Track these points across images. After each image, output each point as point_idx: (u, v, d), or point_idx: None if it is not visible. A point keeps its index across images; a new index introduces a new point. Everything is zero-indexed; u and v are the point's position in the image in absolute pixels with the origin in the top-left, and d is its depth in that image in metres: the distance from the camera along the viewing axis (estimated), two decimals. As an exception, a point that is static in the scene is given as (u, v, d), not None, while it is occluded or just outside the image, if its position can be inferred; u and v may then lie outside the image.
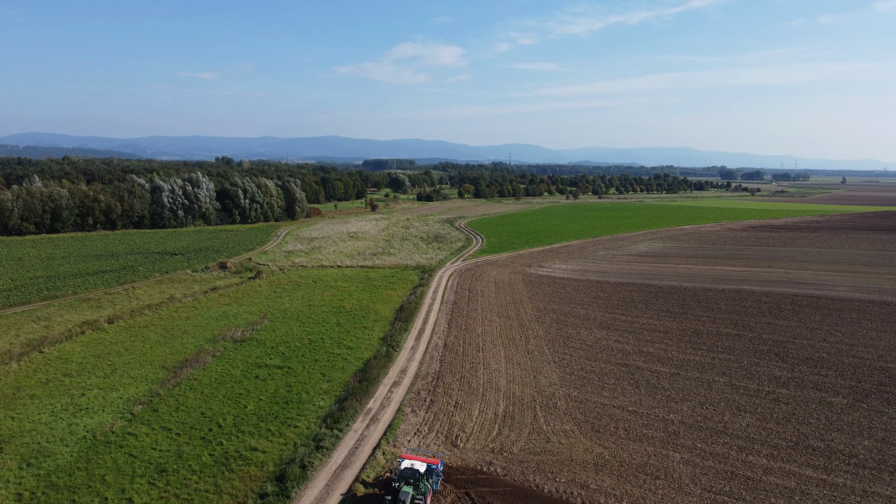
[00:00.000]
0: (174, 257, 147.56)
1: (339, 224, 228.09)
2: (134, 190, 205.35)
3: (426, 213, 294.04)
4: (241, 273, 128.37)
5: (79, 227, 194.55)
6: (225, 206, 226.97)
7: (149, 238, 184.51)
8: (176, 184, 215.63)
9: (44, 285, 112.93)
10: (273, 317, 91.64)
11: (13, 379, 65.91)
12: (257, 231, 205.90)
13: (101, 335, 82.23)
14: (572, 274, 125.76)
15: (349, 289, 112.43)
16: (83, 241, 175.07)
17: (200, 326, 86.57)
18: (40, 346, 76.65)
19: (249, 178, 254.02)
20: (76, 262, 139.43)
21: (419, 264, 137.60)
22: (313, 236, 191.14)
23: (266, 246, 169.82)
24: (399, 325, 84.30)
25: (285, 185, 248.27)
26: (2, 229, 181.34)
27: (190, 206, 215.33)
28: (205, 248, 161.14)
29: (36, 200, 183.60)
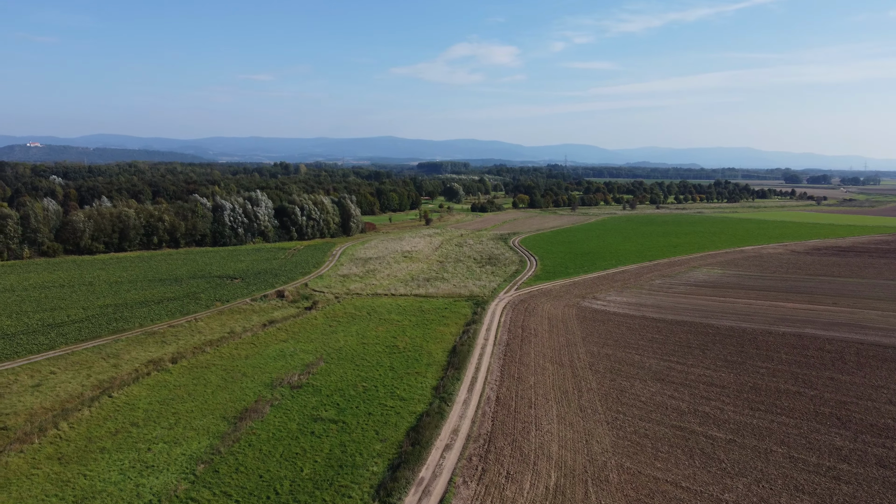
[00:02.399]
0: (234, 282, 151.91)
1: (393, 241, 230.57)
2: (197, 209, 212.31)
3: (480, 228, 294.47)
4: (298, 302, 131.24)
5: (145, 245, 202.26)
6: (283, 223, 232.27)
7: (210, 258, 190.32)
8: (237, 202, 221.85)
9: (112, 315, 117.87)
10: (328, 357, 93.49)
11: (85, 428, 69.16)
12: (314, 250, 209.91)
13: (165, 377, 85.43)
14: (627, 308, 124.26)
15: (402, 323, 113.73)
16: (149, 262, 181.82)
17: (259, 368, 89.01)
18: (109, 390, 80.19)
19: (307, 194, 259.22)
20: (142, 287, 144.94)
21: (472, 293, 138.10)
22: (368, 256, 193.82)
23: (321, 268, 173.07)
24: (452, 373, 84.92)
25: (341, 201, 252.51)
26: (74, 248, 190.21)
27: (249, 224, 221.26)
28: (263, 272, 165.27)
29: (105, 221, 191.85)
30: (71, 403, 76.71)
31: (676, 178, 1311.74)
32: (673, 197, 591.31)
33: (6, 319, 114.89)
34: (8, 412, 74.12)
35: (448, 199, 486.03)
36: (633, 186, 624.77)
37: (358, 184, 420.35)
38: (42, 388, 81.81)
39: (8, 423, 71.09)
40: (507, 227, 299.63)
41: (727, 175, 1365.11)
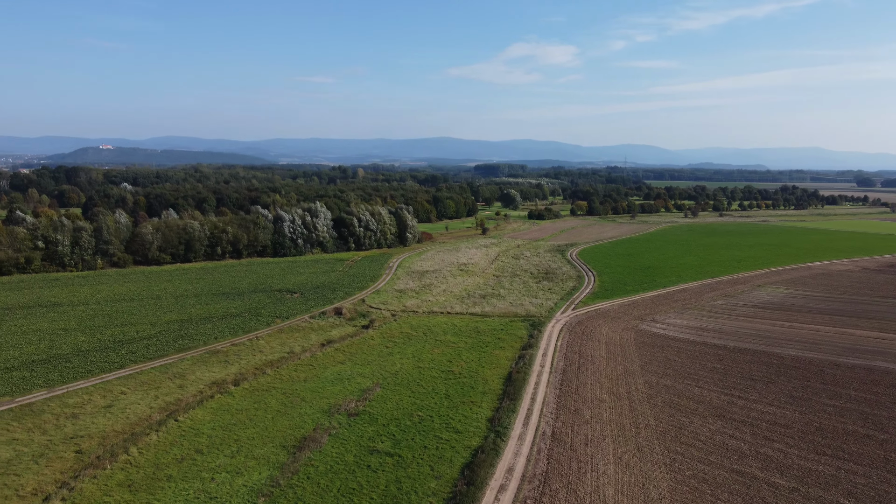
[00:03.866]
0: (293, 296, 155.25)
1: (449, 252, 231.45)
2: (258, 221, 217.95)
3: (537, 237, 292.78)
4: (355, 320, 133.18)
5: (209, 256, 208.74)
6: (341, 233, 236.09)
7: (271, 269, 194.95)
8: (296, 214, 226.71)
9: (178, 332, 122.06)
10: (385, 382, 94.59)
11: (153, 454, 71.82)
12: (371, 261, 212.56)
13: (228, 400, 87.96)
14: (687, 333, 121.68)
15: (458, 345, 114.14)
16: (212, 273, 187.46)
17: (317, 392, 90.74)
18: (175, 413, 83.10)
19: (364, 204, 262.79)
20: (206, 301, 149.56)
21: (529, 313, 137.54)
22: (424, 269, 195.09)
23: (378, 282, 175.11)
24: (507, 404, 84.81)
25: (398, 211, 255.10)
26: (143, 259, 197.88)
27: (309, 235, 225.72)
28: (321, 286, 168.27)
29: (172, 233, 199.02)
30: (140, 427, 79.85)
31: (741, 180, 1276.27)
32: (737, 203, 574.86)
33: (81, 335, 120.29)
34: (83, 434, 77.65)
35: (505, 206, 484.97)
36: (696, 192, 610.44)
37: (415, 191, 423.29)
38: (113, 409, 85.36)
39: (82, 447, 74.48)
40: (564, 237, 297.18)
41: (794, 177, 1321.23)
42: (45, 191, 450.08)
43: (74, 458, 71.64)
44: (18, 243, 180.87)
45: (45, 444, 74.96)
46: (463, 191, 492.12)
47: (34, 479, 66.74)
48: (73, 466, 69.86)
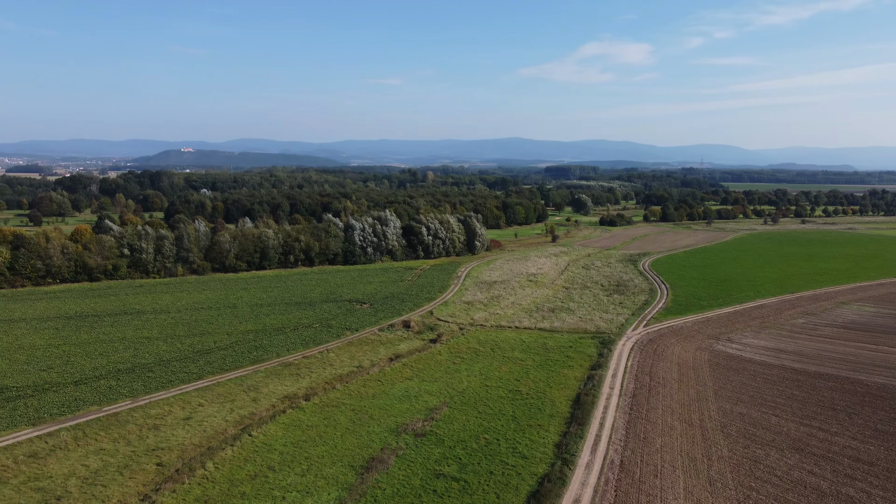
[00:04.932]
0: (363, 307, 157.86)
1: (518, 262, 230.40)
2: (330, 230, 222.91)
3: (608, 245, 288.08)
4: (423, 333, 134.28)
5: (282, 264, 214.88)
6: (410, 242, 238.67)
7: (341, 278, 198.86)
8: (367, 223, 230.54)
9: (253, 343, 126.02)
10: (452, 401, 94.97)
11: (228, 470, 74.31)
12: (439, 270, 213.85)
13: (299, 416, 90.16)
14: (765, 355, 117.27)
15: (526, 363, 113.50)
16: (285, 282, 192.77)
17: (385, 409, 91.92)
18: (249, 428, 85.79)
19: (433, 213, 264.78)
20: (280, 311, 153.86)
21: (598, 329, 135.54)
22: (492, 280, 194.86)
23: (446, 293, 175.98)
24: (575, 429, 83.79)
25: (466, 220, 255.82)
26: (220, 267, 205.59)
27: (378, 244, 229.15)
28: (390, 296, 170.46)
29: (248, 241, 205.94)
30: (216, 440, 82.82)
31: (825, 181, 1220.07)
32: (821, 209, 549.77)
33: (163, 344, 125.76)
34: (163, 447, 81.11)
35: (576, 211, 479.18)
36: (776, 197, 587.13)
37: (484, 196, 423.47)
38: (192, 421, 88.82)
39: (163, 459, 77.82)
40: (636, 246, 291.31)
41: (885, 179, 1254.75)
42: (131, 195, 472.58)
43: (156, 471, 74.91)
44: (107, 251, 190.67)
45: (129, 456, 78.65)
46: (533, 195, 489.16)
47: (119, 491, 70.12)
48: (155, 479, 73.06)
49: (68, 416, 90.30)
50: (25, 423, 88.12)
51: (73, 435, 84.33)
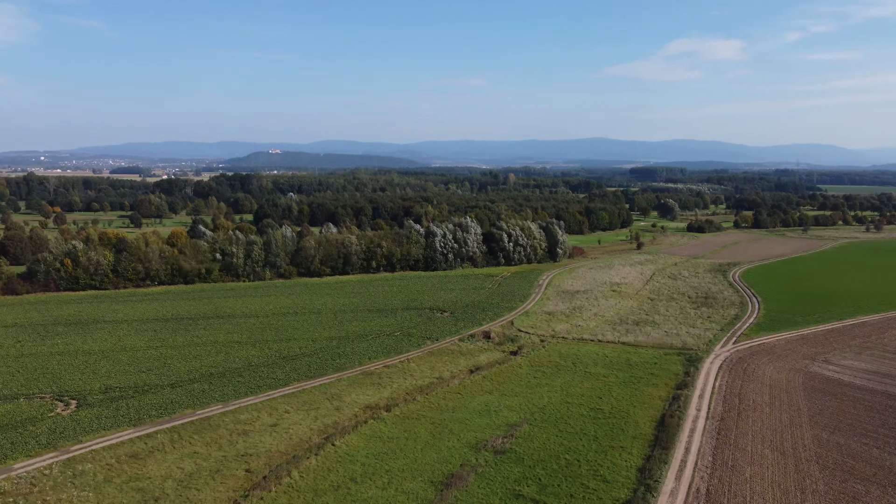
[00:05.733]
0: (443, 315, 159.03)
1: (601, 270, 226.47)
2: (411, 236, 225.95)
3: (696, 254, 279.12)
4: (504, 345, 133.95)
5: (364, 269, 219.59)
6: (490, 248, 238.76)
7: (422, 284, 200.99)
8: (447, 229, 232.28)
9: (336, 350, 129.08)
10: (532, 418, 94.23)
11: (312, 479, 76.27)
12: (520, 278, 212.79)
13: (380, 427, 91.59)
14: (866, 379, 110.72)
15: (609, 379, 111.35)
16: (367, 287, 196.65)
17: (464, 423, 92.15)
18: (333, 437, 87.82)
19: (514, 219, 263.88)
20: (362, 318, 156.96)
21: (685, 345, 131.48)
22: (575, 289, 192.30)
23: (527, 303, 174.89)
24: (659, 453, 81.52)
25: (548, 226, 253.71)
26: (306, 272, 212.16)
27: (459, 250, 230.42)
28: (470, 305, 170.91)
29: (332, 247, 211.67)
30: (301, 448, 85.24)
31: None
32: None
33: (251, 349, 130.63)
34: (252, 452, 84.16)
35: (662, 216, 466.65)
36: (880, 201, 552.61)
37: (567, 201, 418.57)
38: (278, 428, 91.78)
39: (251, 465, 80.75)
40: (726, 254, 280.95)
41: None
42: (222, 197, 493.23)
43: (245, 477, 77.79)
44: (201, 255, 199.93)
45: (220, 460, 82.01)
46: (617, 200, 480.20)
47: (211, 496, 73.19)
48: (243, 485, 75.88)
49: (165, 419, 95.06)
50: (127, 423, 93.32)
51: (170, 437, 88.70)
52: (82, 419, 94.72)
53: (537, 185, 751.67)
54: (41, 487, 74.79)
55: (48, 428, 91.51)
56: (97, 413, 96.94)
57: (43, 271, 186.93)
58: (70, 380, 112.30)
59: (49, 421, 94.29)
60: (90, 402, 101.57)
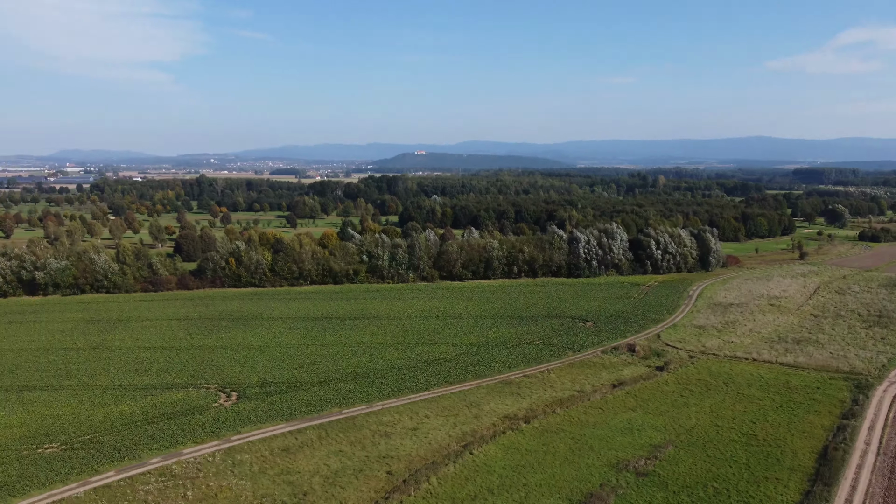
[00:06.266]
0: (585, 325, 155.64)
1: (758, 281, 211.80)
2: (554, 242, 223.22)
3: (869, 266, 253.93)
4: (649, 359, 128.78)
5: (506, 274, 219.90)
6: (637, 255, 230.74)
7: (564, 292, 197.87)
8: (592, 235, 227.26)
9: (476, 356, 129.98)
10: (677, 440, 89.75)
11: (450, 487, 77.10)
12: (668, 288, 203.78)
13: (518, 438, 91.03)
14: None
15: (764, 403, 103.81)
16: (509, 293, 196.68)
17: (605, 441, 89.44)
18: (471, 446, 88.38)
19: (663, 226, 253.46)
20: (502, 324, 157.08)
21: (854, 369, 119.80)
22: (728, 302, 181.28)
23: (675, 315, 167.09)
24: (820, 489, 74.60)
25: (700, 234, 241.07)
26: (447, 275, 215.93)
27: (603, 257, 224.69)
28: (614, 315, 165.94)
29: (474, 251, 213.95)
30: (440, 455, 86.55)
31: None
32: None
33: (395, 351, 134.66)
34: (393, 455, 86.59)
35: (829, 223, 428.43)
36: None
37: (721, 206, 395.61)
38: (418, 432, 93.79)
39: (392, 468, 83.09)
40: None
41: None
42: (370, 199, 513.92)
43: (386, 479, 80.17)
44: (349, 257, 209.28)
45: (363, 460, 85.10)
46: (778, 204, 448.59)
47: (354, 495, 76.07)
48: (384, 487, 78.22)
49: (314, 415, 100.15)
50: (280, 417, 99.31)
51: (318, 434, 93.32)
52: (241, 411, 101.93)
53: (689, 187, 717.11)
54: (205, 473, 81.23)
55: (212, 417, 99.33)
56: (254, 406, 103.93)
57: (211, 269, 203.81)
58: (231, 372, 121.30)
59: (213, 411, 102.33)
60: (248, 395, 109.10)
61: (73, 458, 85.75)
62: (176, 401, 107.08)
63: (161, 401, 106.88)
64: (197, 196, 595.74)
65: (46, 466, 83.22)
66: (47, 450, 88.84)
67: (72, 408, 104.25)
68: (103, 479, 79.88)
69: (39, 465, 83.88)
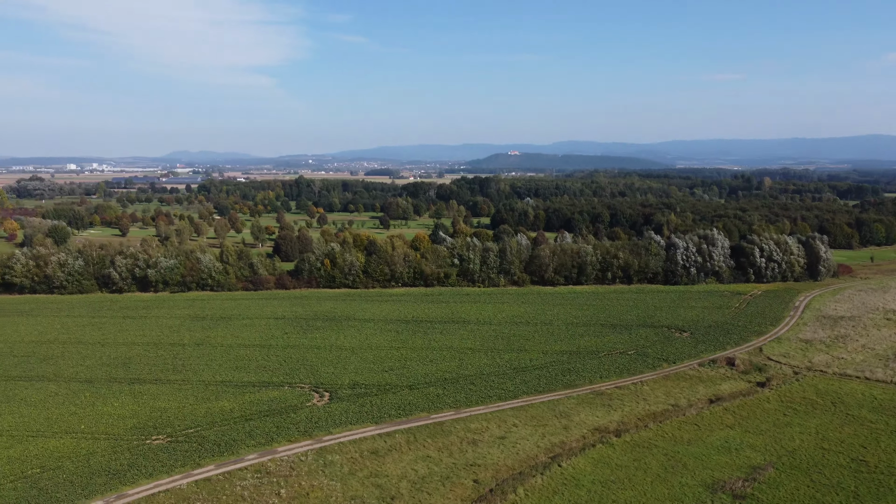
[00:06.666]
0: (682, 336, 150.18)
1: (873, 293, 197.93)
2: (650, 247, 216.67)
3: None
4: (749, 374, 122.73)
5: (599, 280, 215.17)
6: (739, 263, 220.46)
7: (660, 300, 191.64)
8: (691, 241, 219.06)
9: (566, 365, 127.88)
10: (779, 462, 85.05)
11: (536, 499, 76.05)
12: (772, 298, 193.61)
13: (608, 452, 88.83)
14: None
15: (877, 426, 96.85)
16: (602, 300, 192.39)
17: (701, 460, 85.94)
18: (559, 458, 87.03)
19: (767, 232, 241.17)
20: (594, 332, 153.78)
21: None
22: (838, 314, 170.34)
23: (779, 327, 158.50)
24: (942, 526, 68.95)
25: (808, 241, 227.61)
26: (539, 280, 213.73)
27: (703, 264, 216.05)
28: (713, 325, 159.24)
29: (566, 256, 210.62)
30: (527, 465, 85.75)
31: None
32: None
33: (484, 357, 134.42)
34: (480, 463, 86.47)
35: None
36: None
37: (832, 211, 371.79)
38: (506, 441, 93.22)
39: (479, 476, 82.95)
40: None
41: None
42: (462, 201, 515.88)
43: (472, 488, 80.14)
44: (440, 260, 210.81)
45: (450, 467, 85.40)
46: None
47: (440, 502, 76.47)
48: (471, 496, 78.18)
49: (402, 419, 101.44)
50: (370, 420, 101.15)
51: (406, 438, 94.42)
52: (333, 411, 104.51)
53: (797, 190, 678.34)
54: (298, 472, 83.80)
55: (306, 417, 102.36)
56: (345, 407, 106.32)
57: (307, 270, 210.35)
58: (324, 372, 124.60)
59: (307, 410, 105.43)
60: (340, 396, 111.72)
61: (178, 450, 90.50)
62: (272, 398, 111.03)
63: (258, 398, 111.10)
64: (295, 196, 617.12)
65: (153, 457, 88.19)
66: (154, 441, 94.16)
67: (177, 401, 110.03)
68: (204, 472, 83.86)
69: (147, 455, 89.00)
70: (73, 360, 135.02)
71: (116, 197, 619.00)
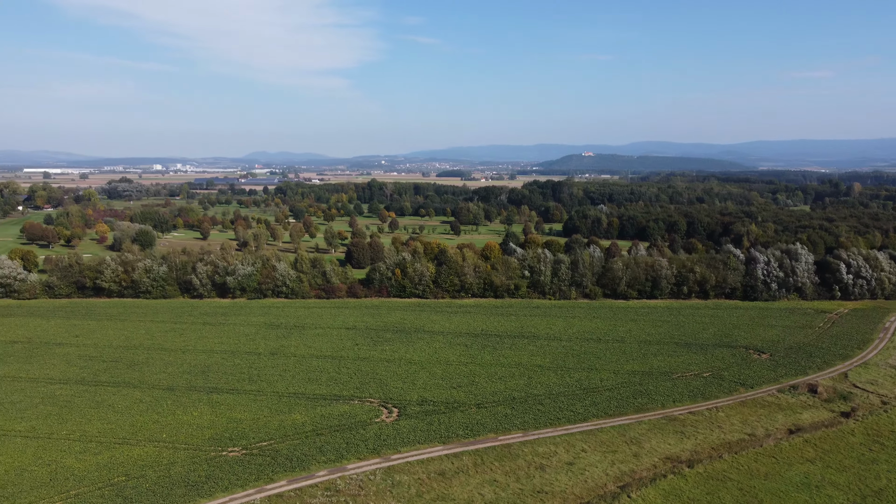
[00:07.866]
0: (761, 357, 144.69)
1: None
2: (729, 261, 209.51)
3: None
4: (833, 402, 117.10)
5: (674, 294, 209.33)
6: (823, 279, 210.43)
7: (738, 317, 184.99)
8: (772, 256, 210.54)
9: (638, 387, 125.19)
10: (864, 503, 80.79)
11: (603, 533, 74.95)
12: (859, 317, 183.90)
13: (680, 484, 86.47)
14: None
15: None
16: (676, 315, 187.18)
17: (778, 496, 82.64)
18: (629, 488, 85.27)
19: (856, 247, 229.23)
20: (668, 352, 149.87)
21: None
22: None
23: (868, 350, 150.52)
24: None
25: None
26: (611, 293, 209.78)
27: (784, 280, 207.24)
28: (795, 347, 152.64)
29: (640, 270, 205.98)
30: (595, 494, 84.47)
31: None
32: None
33: (553, 375, 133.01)
34: (547, 490, 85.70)
35: None
36: None
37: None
38: (574, 467, 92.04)
39: None
40: None
41: None
42: (533, 206, 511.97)
43: (538, 516, 79.43)
44: (511, 271, 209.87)
45: (517, 493, 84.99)
46: None
47: (505, 530, 76.18)
48: (537, 525, 77.50)
49: (470, 440, 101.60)
50: (437, 439, 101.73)
51: (474, 460, 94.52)
52: (401, 429, 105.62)
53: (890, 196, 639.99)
54: (366, 491, 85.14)
55: (374, 434, 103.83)
56: (413, 425, 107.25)
57: (378, 279, 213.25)
58: (394, 387, 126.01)
59: (375, 427, 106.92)
60: (409, 413, 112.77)
61: (252, 463, 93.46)
62: (342, 413, 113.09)
63: (329, 412, 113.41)
64: (368, 199, 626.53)
65: (229, 470, 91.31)
66: (230, 453, 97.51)
67: (252, 413, 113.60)
68: (276, 487, 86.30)
69: (224, 467, 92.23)
70: (156, 366, 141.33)
71: (198, 199, 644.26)
